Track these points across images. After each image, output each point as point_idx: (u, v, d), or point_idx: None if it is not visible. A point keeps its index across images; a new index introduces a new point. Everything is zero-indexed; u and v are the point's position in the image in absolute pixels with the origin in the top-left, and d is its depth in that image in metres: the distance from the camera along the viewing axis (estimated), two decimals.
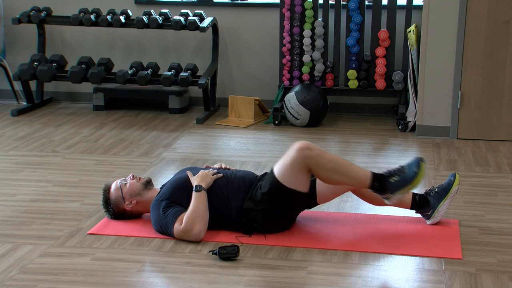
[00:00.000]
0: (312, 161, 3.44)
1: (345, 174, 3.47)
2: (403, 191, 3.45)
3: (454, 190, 3.68)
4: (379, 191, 3.48)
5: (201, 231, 3.47)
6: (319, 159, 3.44)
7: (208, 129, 5.85)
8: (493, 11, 5.27)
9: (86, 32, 6.65)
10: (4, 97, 6.91)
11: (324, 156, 3.46)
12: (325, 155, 3.48)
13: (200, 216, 3.48)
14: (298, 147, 3.47)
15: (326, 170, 3.46)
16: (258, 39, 6.45)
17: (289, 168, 3.47)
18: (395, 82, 5.93)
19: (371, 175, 3.47)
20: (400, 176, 3.45)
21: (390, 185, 3.45)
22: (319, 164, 3.45)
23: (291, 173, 3.47)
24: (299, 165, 3.46)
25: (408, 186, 3.44)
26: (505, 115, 5.42)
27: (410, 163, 3.48)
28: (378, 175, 3.48)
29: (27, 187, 4.36)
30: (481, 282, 3.09)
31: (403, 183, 3.43)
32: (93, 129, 5.80)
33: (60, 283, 3.10)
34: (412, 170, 3.45)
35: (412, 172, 3.44)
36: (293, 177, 3.48)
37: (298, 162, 3.45)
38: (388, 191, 3.46)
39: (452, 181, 3.70)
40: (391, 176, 3.46)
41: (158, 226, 3.57)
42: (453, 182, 3.70)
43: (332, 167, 3.45)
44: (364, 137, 5.60)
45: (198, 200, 3.51)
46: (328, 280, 3.13)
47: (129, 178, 3.75)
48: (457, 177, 3.72)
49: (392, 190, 3.45)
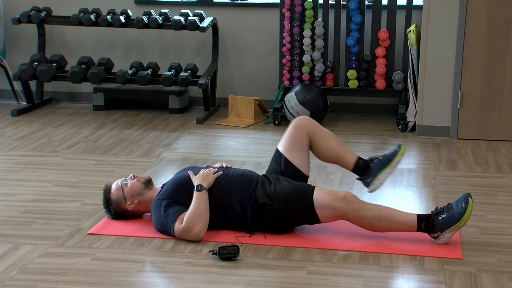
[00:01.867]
0: (352, 207, 3.45)
1: (390, 220, 3.45)
2: (452, 228, 3.40)
3: (396, 160, 3.68)
4: (427, 231, 3.45)
5: (201, 231, 3.47)
6: (360, 212, 3.45)
7: (208, 129, 5.85)
8: (493, 11, 5.27)
9: (86, 32, 6.65)
10: (4, 97, 6.91)
11: (365, 206, 3.46)
12: (366, 205, 3.47)
13: (201, 216, 3.48)
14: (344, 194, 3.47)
15: (369, 220, 3.46)
16: (258, 39, 6.45)
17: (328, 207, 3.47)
18: (395, 82, 5.93)
19: (417, 217, 3.44)
20: (448, 213, 3.41)
21: (439, 223, 3.41)
22: (360, 216, 3.45)
23: (327, 211, 3.48)
24: (338, 213, 3.47)
25: (458, 223, 3.39)
26: (505, 115, 5.42)
27: (458, 200, 3.44)
28: (423, 216, 3.45)
29: (27, 187, 4.36)
30: (481, 282, 3.09)
31: (452, 220, 3.39)
32: (93, 129, 5.80)
33: (60, 283, 3.11)
34: (460, 205, 3.40)
35: (460, 208, 3.39)
36: (326, 210, 3.48)
37: (339, 211, 3.46)
38: (438, 230, 3.43)
39: (396, 151, 3.71)
40: (439, 214, 3.43)
41: (159, 225, 3.57)
42: (397, 152, 3.70)
43: (374, 215, 3.45)
44: (364, 137, 5.60)
45: (199, 199, 3.51)
46: (328, 280, 3.13)
47: (130, 178, 3.75)
48: (402, 148, 3.73)
49: (442, 228, 3.41)
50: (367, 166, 3.70)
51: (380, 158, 3.72)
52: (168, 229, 3.51)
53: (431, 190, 4.32)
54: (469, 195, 3.44)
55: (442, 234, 3.43)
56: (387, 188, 4.36)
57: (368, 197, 3.90)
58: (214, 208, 3.55)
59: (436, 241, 3.47)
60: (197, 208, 3.49)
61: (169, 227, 3.50)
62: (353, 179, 4.45)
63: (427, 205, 4.07)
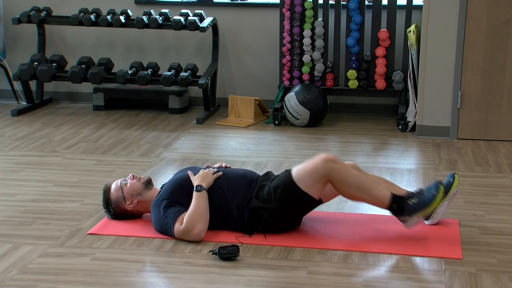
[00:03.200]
0: (334, 175, 3.46)
1: (366, 192, 3.48)
2: (420, 214, 3.44)
3: (453, 191, 3.67)
4: (396, 213, 3.48)
5: (201, 231, 3.47)
6: (342, 174, 3.47)
7: (208, 129, 5.85)
8: (493, 11, 5.27)
9: (86, 32, 6.65)
10: (4, 97, 6.91)
11: (347, 172, 3.48)
12: (348, 171, 3.49)
13: (201, 216, 3.48)
14: (324, 158, 3.48)
15: (348, 185, 3.48)
16: (258, 39, 6.45)
17: (309, 174, 3.48)
18: (395, 82, 5.93)
19: (391, 196, 3.47)
20: (419, 199, 3.44)
21: (408, 207, 3.44)
22: (341, 179, 3.47)
23: (309, 179, 3.48)
24: (320, 174, 3.47)
25: (426, 209, 3.43)
26: (505, 115, 5.42)
27: (429, 186, 3.48)
28: (397, 197, 3.48)
29: (27, 187, 4.36)
30: (481, 282, 3.09)
31: (422, 206, 3.43)
32: (93, 129, 5.80)
33: (60, 283, 3.10)
34: (431, 192, 3.45)
35: (430, 195, 3.44)
36: (311, 182, 3.48)
37: (320, 171, 3.46)
38: (406, 213, 3.45)
39: (451, 182, 3.69)
40: (410, 198, 3.46)
41: (159, 225, 3.57)
42: (452, 184, 3.68)
43: (353, 183, 3.47)
44: (364, 137, 5.60)
45: (198, 200, 3.51)
46: (328, 280, 3.13)
47: (129, 178, 3.75)
48: (456, 178, 3.70)
49: (410, 212, 3.44)
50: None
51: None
52: (168, 230, 3.51)
53: None
54: (440, 182, 3.48)
55: (410, 218, 3.45)
56: None
57: None
58: (212, 209, 3.55)
59: (405, 225, 3.49)
60: (196, 208, 3.49)
61: (169, 228, 3.50)
62: None
63: None
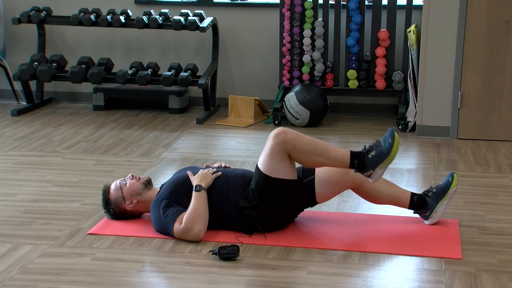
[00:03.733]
0: (288, 145, 3.43)
1: (324, 155, 3.45)
2: (382, 164, 3.42)
3: (452, 190, 3.67)
4: (360, 170, 3.46)
5: (201, 231, 3.47)
6: (295, 142, 3.43)
7: (208, 129, 5.85)
8: (493, 11, 5.27)
9: (86, 32, 6.65)
10: (4, 97, 6.91)
11: (299, 139, 3.45)
12: (301, 138, 3.46)
13: (200, 216, 3.48)
14: (274, 133, 3.46)
15: (304, 153, 3.44)
16: (258, 39, 6.45)
17: (270, 157, 3.47)
18: (395, 82, 5.93)
19: (350, 154, 3.44)
20: (377, 150, 3.42)
21: (369, 160, 3.42)
22: (296, 148, 3.43)
23: (272, 162, 3.46)
24: (279, 152, 3.44)
25: (387, 159, 3.40)
26: (505, 115, 5.42)
27: (385, 136, 3.45)
28: (356, 153, 3.45)
29: (27, 187, 4.36)
30: (481, 282, 3.09)
31: (381, 156, 3.40)
32: (93, 129, 5.80)
33: (60, 283, 3.11)
34: (387, 141, 3.41)
35: (387, 144, 3.40)
36: (276, 165, 3.46)
37: (276, 148, 3.44)
38: (369, 168, 3.43)
39: (450, 181, 3.69)
40: (368, 152, 3.44)
41: (158, 225, 3.57)
42: (451, 183, 3.68)
43: (309, 149, 3.44)
44: (364, 137, 5.60)
45: (198, 200, 3.51)
46: (328, 280, 3.13)
47: (129, 178, 3.75)
48: (455, 177, 3.70)
49: (372, 165, 3.42)
50: (424, 201, 3.68)
51: (434, 190, 3.69)
52: (168, 230, 3.51)
53: None
54: (395, 129, 3.47)
55: (374, 171, 3.43)
56: None
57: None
58: (212, 209, 3.55)
59: (370, 180, 3.48)
60: (196, 208, 3.49)
61: (168, 228, 3.50)
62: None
63: None
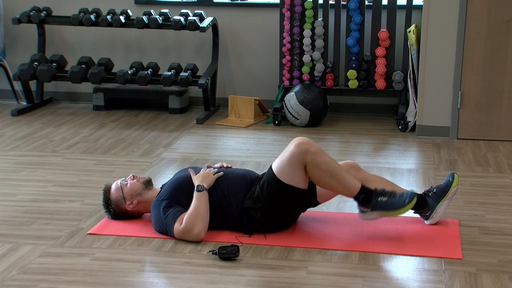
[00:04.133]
0: (309, 158, 3.41)
1: (337, 179, 3.44)
2: (383, 213, 3.44)
3: (452, 191, 3.67)
4: (361, 203, 3.47)
5: (201, 231, 3.47)
6: (316, 157, 3.42)
7: (208, 129, 5.85)
8: (493, 11, 5.27)
9: (86, 32, 6.65)
10: (4, 97, 6.91)
11: (321, 156, 3.44)
12: (323, 155, 3.46)
13: (201, 217, 3.48)
14: (298, 142, 3.45)
15: (320, 170, 3.43)
16: (258, 39, 6.45)
17: (287, 164, 3.45)
18: (395, 82, 5.93)
19: (360, 187, 3.45)
20: (389, 200, 3.42)
21: (376, 202, 3.43)
22: (315, 162, 3.42)
23: (288, 169, 3.45)
24: (297, 161, 3.43)
25: (391, 212, 3.42)
26: (505, 115, 5.42)
27: (406, 193, 3.44)
28: (366, 189, 3.46)
29: (27, 187, 4.36)
30: (481, 282, 3.09)
31: (388, 207, 3.41)
32: (93, 129, 5.80)
33: (60, 283, 3.10)
34: (403, 199, 3.41)
35: (401, 201, 3.40)
36: (291, 173, 3.45)
37: (296, 157, 3.42)
38: (370, 207, 3.44)
39: (450, 181, 3.68)
40: (380, 195, 3.44)
41: (159, 226, 3.57)
42: (452, 183, 3.68)
43: (326, 168, 3.43)
44: (364, 137, 5.60)
45: (199, 200, 3.51)
46: (328, 280, 3.13)
47: (129, 178, 3.75)
48: (455, 177, 3.70)
49: (374, 207, 3.43)
50: (424, 201, 3.67)
51: (435, 190, 3.68)
52: (168, 230, 3.51)
53: None
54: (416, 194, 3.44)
55: (370, 212, 3.45)
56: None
57: None
58: (213, 209, 3.55)
59: (361, 216, 3.50)
60: (197, 208, 3.49)
61: (168, 228, 3.50)
62: None
63: None
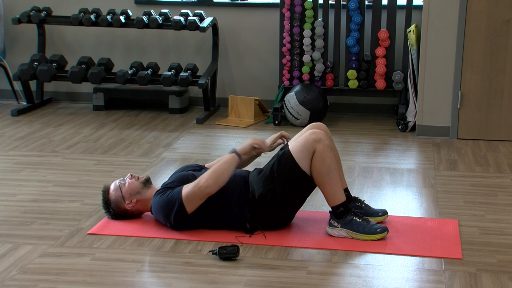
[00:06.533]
0: (320, 147, 3.46)
1: (331, 180, 3.47)
2: (351, 233, 3.48)
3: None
4: (335, 215, 3.51)
5: (209, 186, 3.46)
6: (326, 150, 3.46)
7: (208, 129, 5.85)
8: (493, 11, 5.27)
9: (86, 32, 6.65)
10: (4, 97, 6.91)
11: (330, 150, 3.49)
12: (333, 150, 3.52)
13: (217, 175, 3.47)
14: (315, 128, 3.54)
15: (324, 163, 3.46)
16: (258, 39, 6.45)
17: (300, 148, 3.48)
18: (395, 82, 5.93)
19: (344, 201, 3.50)
20: (362, 223, 3.49)
21: (348, 220, 3.48)
22: (322, 154, 3.46)
23: (301, 153, 3.47)
24: (310, 147, 3.46)
25: (357, 235, 3.48)
26: (505, 115, 5.42)
27: (381, 226, 3.50)
28: (347, 206, 3.51)
29: (27, 187, 4.36)
30: (481, 282, 3.09)
31: (358, 230, 3.48)
32: (93, 129, 5.80)
33: (60, 283, 3.11)
34: (375, 228, 3.48)
35: (373, 229, 3.48)
36: (302, 156, 3.47)
37: (310, 143, 3.46)
38: (341, 222, 3.49)
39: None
40: (357, 215, 3.51)
41: (163, 208, 3.54)
42: (379, 216, 3.72)
43: (329, 165, 3.47)
44: (364, 137, 5.60)
45: (223, 160, 3.56)
46: (328, 280, 3.13)
47: (128, 177, 3.75)
48: (385, 216, 3.74)
49: (344, 224, 3.49)
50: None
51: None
52: (176, 200, 3.49)
53: (431, 190, 4.32)
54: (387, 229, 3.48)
55: (339, 228, 3.50)
56: (387, 188, 4.37)
57: (370, 199, 3.89)
58: (213, 208, 3.55)
59: (327, 229, 3.55)
60: (216, 167, 3.51)
61: (176, 198, 3.49)
62: (351, 179, 4.48)
63: (427, 205, 4.07)
